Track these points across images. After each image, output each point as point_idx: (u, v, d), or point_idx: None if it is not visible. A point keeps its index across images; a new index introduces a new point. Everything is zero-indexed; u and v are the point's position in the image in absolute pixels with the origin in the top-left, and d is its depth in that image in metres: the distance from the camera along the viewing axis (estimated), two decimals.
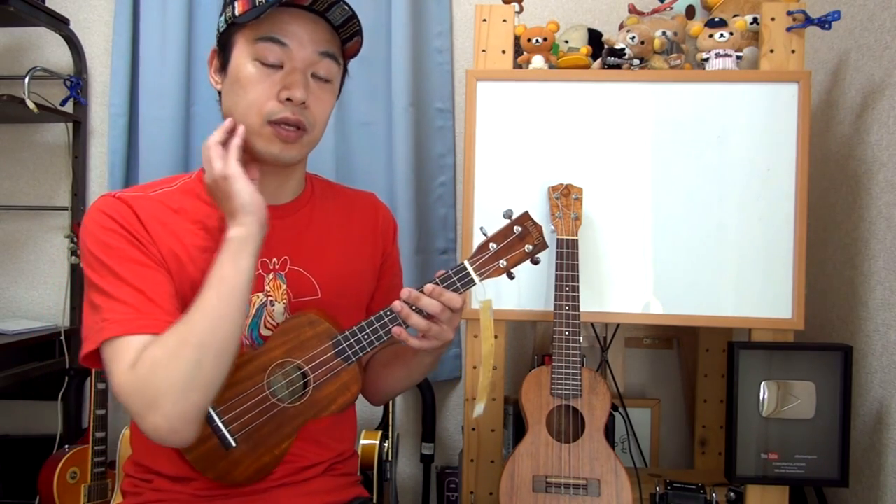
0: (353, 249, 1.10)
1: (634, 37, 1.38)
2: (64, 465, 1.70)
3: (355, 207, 1.14)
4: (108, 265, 0.90)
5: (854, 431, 1.41)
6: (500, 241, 0.98)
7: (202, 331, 0.85)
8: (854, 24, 1.52)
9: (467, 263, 0.97)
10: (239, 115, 0.95)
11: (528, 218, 0.99)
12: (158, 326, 0.86)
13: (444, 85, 1.94)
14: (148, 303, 0.88)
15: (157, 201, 0.97)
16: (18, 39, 2.05)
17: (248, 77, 0.93)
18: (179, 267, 0.94)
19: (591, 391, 1.30)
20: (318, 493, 1.04)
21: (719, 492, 1.39)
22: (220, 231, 0.96)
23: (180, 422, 0.84)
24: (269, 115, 0.93)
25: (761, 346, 1.35)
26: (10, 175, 2.06)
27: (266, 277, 1.00)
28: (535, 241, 0.99)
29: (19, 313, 2.06)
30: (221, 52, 0.98)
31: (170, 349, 0.84)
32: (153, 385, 0.83)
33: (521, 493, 1.26)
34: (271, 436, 0.96)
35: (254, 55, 0.93)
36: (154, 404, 0.83)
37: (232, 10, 0.93)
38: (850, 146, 1.52)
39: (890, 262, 1.37)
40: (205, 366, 0.84)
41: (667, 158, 1.39)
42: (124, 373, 0.84)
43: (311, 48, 0.94)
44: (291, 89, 0.92)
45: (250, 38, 0.93)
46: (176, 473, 0.98)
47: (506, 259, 0.98)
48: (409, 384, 1.14)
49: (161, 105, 1.89)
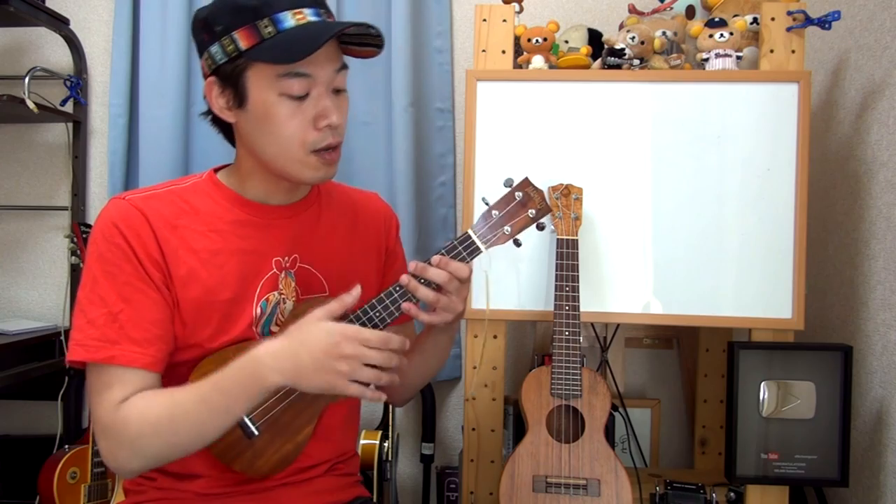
0: (358, 247, 1.12)
1: (634, 37, 1.38)
2: (64, 465, 1.70)
3: (359, 206, 1.15)
4: (97, 279, 0.91)
5: (854, 431, 1.41)
6: (503, 207, 0.98)
7: (186, 436, 0.90)
8: (854, 24, 1.52)
9: (471, 232, 0.97)
10: (278, 149, 0.94)
11: (528, 184, 0.99)
12: (123, 358, 0.90)
13: (444, 85, 1.94)
14: (118, 331, 0.90)
15: (169, 202, 0.97)
16: (18, 39, 2.05)
17: (282, 114, 0.91)
18: (190, 274, 0.94)
19: (591, 391, 1.30)
20: (321, 492, 1.04)
21: (719, 492, 1.39)
22: (230, 233, 0.98)
23: (138, 470, 0.93)
24: (312, 146, 0.93)
25: (761, 346, 1.35)
26: (10, 175, 2.06)
27: (280, 276, 1.01)
28: (537, 205, 0.99)
29: (19, 313, 2.06)
30: (228, 86, 0.93)
31: (154, 427, 0.89)
32: (129, 439, 0.89)
33: (521, 493, 1.26)
34: (292, 423, 0.97)
35: (279, 90, 0.91)
36: (125, 451, 0.90)
37: (233, 42, 0.90)
38: (850, 146, 1.52)
39: (890, 262, 1.37)
40: (180, 452, 0.91)
41: (667, 158, 1.39)
42: (108, 411, 0.90)
43: (329, 68, 0.93)
44: (328, 116, 0.93)
45: (269, 74, 0.90)
46: (180, 471, 0.99)
47: (510, 225, 0.98)
48: (428, 372, 1.13)
49: (161, 105, 1.89)
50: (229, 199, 1.00)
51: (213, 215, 0.98)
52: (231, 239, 0.98)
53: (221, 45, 0.91)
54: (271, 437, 0.96)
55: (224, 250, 0.96)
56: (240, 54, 0.90)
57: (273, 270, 1.00)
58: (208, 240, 0.96)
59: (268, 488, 1.00)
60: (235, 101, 0.94)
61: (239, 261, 0.98)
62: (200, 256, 0.95)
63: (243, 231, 0.99)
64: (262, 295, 0.98)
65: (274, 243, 1.01)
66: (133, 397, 0.90)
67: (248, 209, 1.00)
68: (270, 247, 1.00)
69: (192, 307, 0.94)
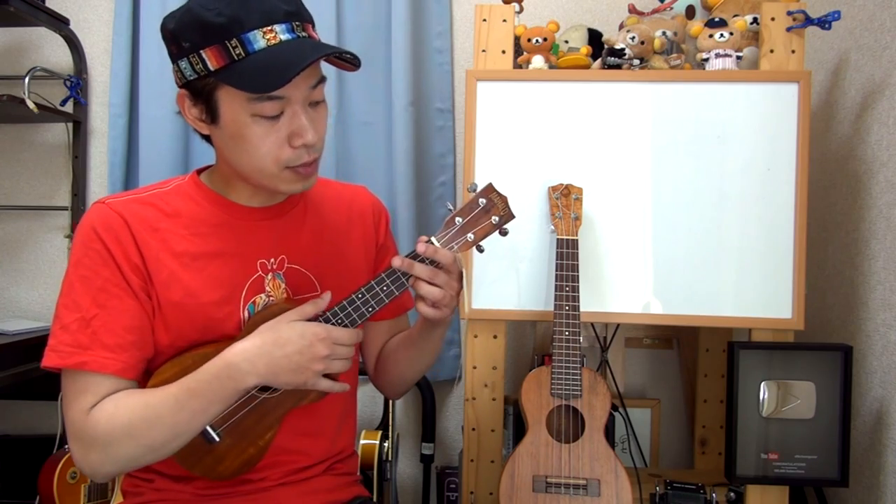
0: (347, 243, 1.11)
1: (634, 37, 1.38)
2: (64, 465, 1.70)
3: (346, 201, 1.14)
4: (73, 284, 0.91)
5: (854, 431, 1.41)
6: (466, 214, 0.97)
7: (161, 438, 0.89)
8: (854, 24, 1.52)
9: (435, 239, 0.96)
10: (252, 164, 0.92)
11: (492, 190, 0.97)
12: (95, 364, 0.89)
13: (444, 85, 1.94)
14: (90, 336, 0.90)
15: (150, 205, 0.96)
16: (18, 39, 2.05)
17: (254, 134, 0.89)
18: (171, 277, 0.94)
19: (591, 391, 1.30)
20: (319, 491, 1.04)
21: (719, 492, 1.39)
22: (212, 235, 0.97)
23: (111, 474, 0.93)
24: (287, 163, 0.91)
25: (761, 346, 1.35)
26: (10, 175, 2.06)
27: (265, 278, 1.00)
28: (500, 212, 0.97)
29: (19, 313, 2.06)
30: (199, 101, 0.92)
31: (126, 430, 0.88)
32: (100, 443, 0.89)
33: (521, 493, 1.26)
34: (254, 427, 0.96)
35: (251, 112, 0.88)
36: (97, 454, 0.90)
37: (200, 61, 0.86)
38: (850, 146, 1.52)
39: (890, 262, 1.36)
40: (154, 455, 0.91)
41: (667, 158, 1.39)
42: (79, 414, 0.90)
43: (304, 87, 0.90)
44: (303, 136, 0.90)
45: (241, 96, 0.87)
46: (178, 472, 0.98)
47: (473, 232, 0.96)
48: (421, 365, 1.12)
49: (161, 105, 1.89)
50: (211, 201, 1.00)
51: (195, 218, 0.98)
52: (213, 242, 0.97)
53: (190, 62, 0.88)
54: (233, 441, 0.96)
55: (206, 253, 0.96)
56: (209, 73, 0.87)
57: (258, 273, 0.99)
58: (190, 243, 0.96)
59: (266, 488, 1.00)
60: (208, 116, 0.92)
61: (222, 264, 0.97)
62: (182, 260, 0.95)
63: (226, 234, 0.98)
64: (249, 298, 0.98)
65: (258, 245, 1.00)
66: (103, 401, 0.90)
67: (231, 211, 1.00)
68: (254, 249, 1.00)
69: (174, 311, 0.94)
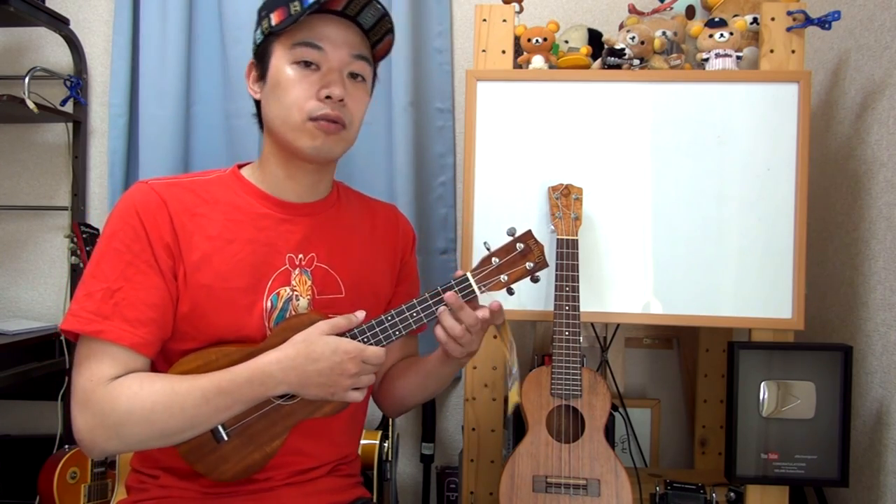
0: (375, 253, 1.13)
1: (634, 37, 1.38)
2: (64, 465, 1.70)
3: (377, 215, 1.18)
4: (104, 254, 0.94)
5: (854, 431, 1.41)
6: (503, 256, 1.01)
7: (178, 427, 0.91)
8: (854, 24, 1.52)
9: (470, 276, 0.99)
10: (281, 115, 0.99)
11: (530, 236, 1.02)
12: (112, 333, 0.91)
13: (444, 85, 1.94)
14: (112, 308, 0.91)
15: (190, 191, 1.00)
16: (18, 39, 2.05)
17: (288, 79, 0.97)
18: (203, 259, 0.96)
19: (591, 391, 1.30)
20: (323, 493, 1.05)
21: (719, 492, 1.39)
22: (247, 224, 1.00)
23: (111, 452, 0.93)
24: (310, 113, 0.97)
25: (761, 346, 1.35)
26: (10, 175, 2.06)
27: (292, 272, 1.02)
28: (536, 258, 1.01)
29: (19, 313, 2.06)
30: (259, 63, 1.03)
31: (148, 414, 0.89)
32: (114, 420, 0.89)
33: (521, 493, 1.26)
34: (263, 433, 0.97)
35: (291, 59, 0.97)
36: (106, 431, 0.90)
37: (268, 21, 0.98)
38: (850, 146, 1.52)
39: (890, 262, 1.37)
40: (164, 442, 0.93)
41: (667, 158, 1.39)
42: (92, 384, 0.91)
43: (345, 50, 0.99)
44: (330, 87, 0.97)
45: (287, 44, 0.98)
46: (183, 470, 0.99)
47: (507, 274, 1.00)
48: (425, 393, 1.15)
49: (161, 105, 1.88)
50: (250, 192, 1.03)
51: (232, 206, 1.01)
52: (247, 230, 1.00)
53: (261, 26, 1.02)
54: (241, 443, 0.96)
55: (239, 239, 0.99)
56: (271, 31, 0.98)
57: (285, 266, 1.01)
58: (225, 228, 0.99)
59: (270, 488, 1.01)
60: (260, 75, 1.02)
61: (252, 251, 0.99)
62: (215, 244, 0.97)
63: (260, 223, 1.01)
64: (274, 289, 1.00)
65: (289, 239, 1.03)
66: (126, 377, 0.91)
67: (267, 203, 1.03)
68: (285, 242, 1.02)
69: (202, 293, 0.96)
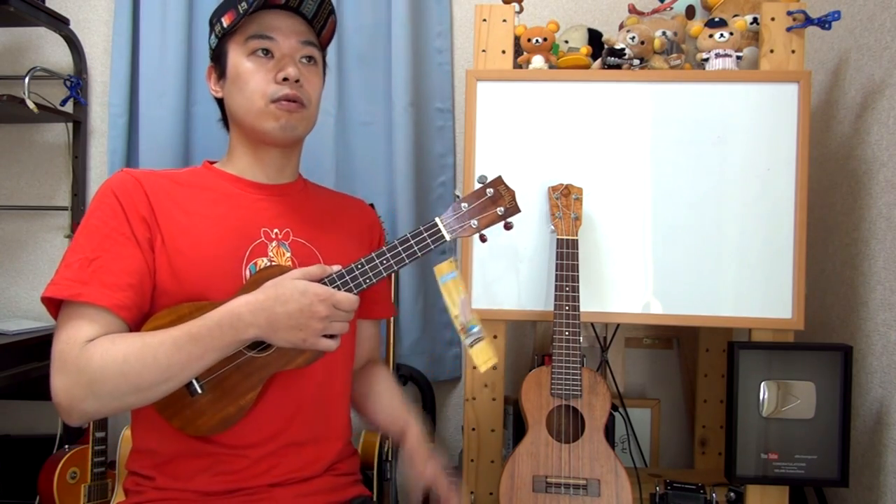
0: (349, 235, 1.17)
1: (634, 37, 1.38)
2: (64, 465, 1.70)
3: (347, 206, 1.23)
4: (82, 232, 0.97)
5: (854, 431, 1.41)
6: (473, 201, 1.01)
7: (151, 379, 0.90)
8: (854, 24, 1.52)
9: (439, 221, 0.99)
10: (245, 104, 1.06)
11: (501, 182, 1.01)
12: (90, 296, 0.92)
13: (444, 85, 1.94)
14: (90, 274, 0.93)
15: (166, 177, 1.06)
16: (18, 39, 2.05)
17: (247, 70, 1.05)
18: (181, 230, 1.00)
19: (591, 391, 1.30)
20: (320, 492, 1.05)
21: (719, 492, 1.39)
22: (222, 202, 1.05)
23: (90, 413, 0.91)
24: (271, 96, 1.04)
25: (761, 346, 1.35)
26: (10, 175, 2.06)
27: (269, 245, 1.05)
28: (507, 203, 1.00)
29: (19, 313, 2.06)
30: (217, 65, 1.11)
31: (120, 367, 0.89)
32: (88, 377, 0.89)
33: (521, 493, 1.26)
34: (237, 386, 0.97)
35: (247, 52, 1.06)
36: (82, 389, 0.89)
37: (220, 25, 1.07)
38: (850, 146, 1.52)
39: (890, 262, 1.36)
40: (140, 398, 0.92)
41: (667, 158, 1.39)
42: (69, 346, 0.91)
43: (293, 38, 1.07)
44: (285, 69, 1.04)
45: (240, 41, 1.06)
46: (180, 473, 0.99)
47: (477, 219, 1.00)
48: None
49: (161, 105, 1.89)
50: (222, 177, 1.11)
51: (206, 188, 1.08)
52: (222, 206, 1.06)
53: (214, 31, 1.10)
54: (215, 397, 0.96)
55: (213, 214, 1.04)
56: (224, 33, 1.07)
57: (261, 239, 1.05)
58: (200, 205, 1.04)
59: (267, 488, 1.01)
60: (220, 74, 1.10)
61: (229, 225, 1.04)
62: (192, 219, 1.02)
63: (234, 201, 1.07)
64: (251, 259, 1.02)
65: (263, 214, 1.08)
66: (100, 338, 0.91)
67: (239, 184, 1.10)
68: (259, 217, 1.07)
69: (181, 259, 0.98)
